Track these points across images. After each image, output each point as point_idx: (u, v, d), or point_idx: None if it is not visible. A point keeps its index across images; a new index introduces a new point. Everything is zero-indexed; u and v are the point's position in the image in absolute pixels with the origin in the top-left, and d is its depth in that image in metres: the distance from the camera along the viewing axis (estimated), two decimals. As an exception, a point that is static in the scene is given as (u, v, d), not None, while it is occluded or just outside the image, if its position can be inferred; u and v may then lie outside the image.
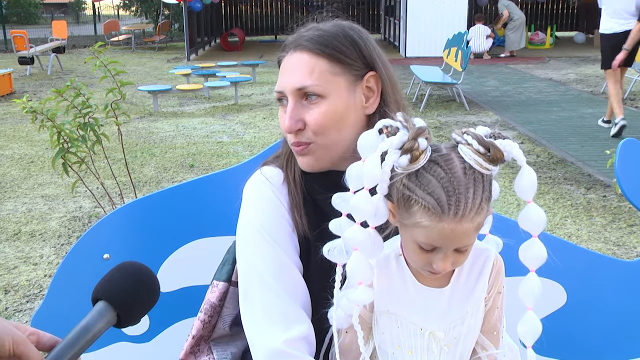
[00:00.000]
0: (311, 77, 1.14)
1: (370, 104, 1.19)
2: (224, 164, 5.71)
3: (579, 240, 3.87)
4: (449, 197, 0.90)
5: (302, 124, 1.15)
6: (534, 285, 0.98)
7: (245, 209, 1.22)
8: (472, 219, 0.91)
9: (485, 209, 0.93)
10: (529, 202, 0.94)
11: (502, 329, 1.12)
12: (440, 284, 1.05)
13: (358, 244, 0.96)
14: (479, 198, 0.91)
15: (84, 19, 32.71)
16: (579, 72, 11.59)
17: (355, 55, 1.17)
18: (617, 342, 1.61)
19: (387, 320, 1.04)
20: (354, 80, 1.17)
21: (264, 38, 20.25)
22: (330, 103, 1.14)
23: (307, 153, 1.17)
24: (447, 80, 8.52)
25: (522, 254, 0.97)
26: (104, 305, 0.75)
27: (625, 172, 1.57)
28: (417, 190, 0.91)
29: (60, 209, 4.59)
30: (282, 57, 1.21)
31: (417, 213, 0.92)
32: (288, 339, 1.09)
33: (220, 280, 1.32)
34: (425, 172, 0.91)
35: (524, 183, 0.93)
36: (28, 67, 12.19)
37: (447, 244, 0.93)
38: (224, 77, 9.43)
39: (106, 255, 1.53)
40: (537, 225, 0.94)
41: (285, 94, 1.17)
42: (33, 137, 6.94)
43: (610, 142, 6.16)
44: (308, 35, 1.17)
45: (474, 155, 0.91)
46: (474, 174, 0.91)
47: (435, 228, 0.91)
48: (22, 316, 3.03)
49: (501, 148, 0.91)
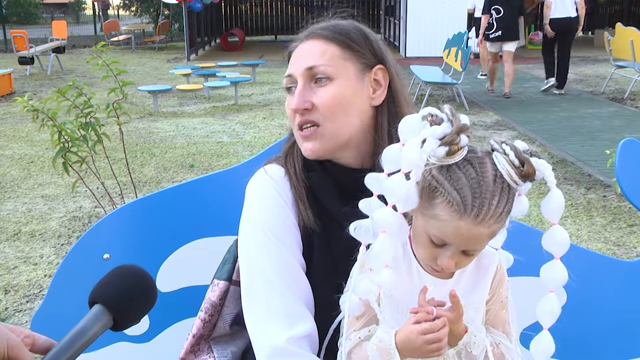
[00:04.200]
0: (322, 58, 1.17)
1: (377, 95, 1.20)
2: (224, 164, 5.71)
3: (579, 240, 3.87)
4: (474, 198, 0.91)
5: (309, 105, 1.16)
6: (553, 306, 1.00)
7: (248, 207, 1.23)
8: (490, 225, 0.92)
9: (504, 220, 0.95)
10: (554, 224, 0.97)
11: (512, 332, 1.13)
12: (444, 276, 1.06)
13: (387, 226, 0.96)
14: (501, 207, 0.92)
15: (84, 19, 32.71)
16: (579, 72, 11.59)
17: (365, 46, 1.20)
18: (617, 342, 1.61)
19: (390, 305, 1.06)
20: (362, 68, 1.19)
21: (264, 38, 20.25)
22: (338, 86, 1.16)
23: (314, 137, 1.17)
24: (447, 80, 8.52)
25: (544, 274, 0.99)
26: (100, 308, 0.75)
27: (625, 172, 1.57)
28: (445, 183, 0.92)
29: (60, 209, 4.59)
30: (293, 48, 1.23)
31: (439, 205, 0.93)
32: (291, 337, 1.09)
33: (221, 279, 1.32)
34: (457, 169, 0.93)
35: (552, 205, 0.96)
36: (28, 67, 12.19)
37: (458, 243, 0.95)
38: (224, 77, 9.43)
39: (106, 255, 1.53)
40: (561, 247, 0.97)
41: (295, 78, 1.19)
42: (33, 137, 6.94)
43: (610, 142, 6.16)
44: (321, 26, 1.21)
45: (507, 166, 0.92)
46: (503, 184, 0.93)
47: (453, 224, 0.92)
48: (22, 316, 3.03)
49: (535, 166, 0.93)
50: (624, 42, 8.54)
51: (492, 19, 8.60)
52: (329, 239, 1.14)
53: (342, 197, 1.15)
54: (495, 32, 8.63)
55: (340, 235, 1.06)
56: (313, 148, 1.18)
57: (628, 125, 7.05)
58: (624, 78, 9.54)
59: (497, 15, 8.55)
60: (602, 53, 12.00)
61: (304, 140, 1.19)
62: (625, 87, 9.34)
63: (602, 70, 11.54)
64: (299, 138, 1.20)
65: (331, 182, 1.19)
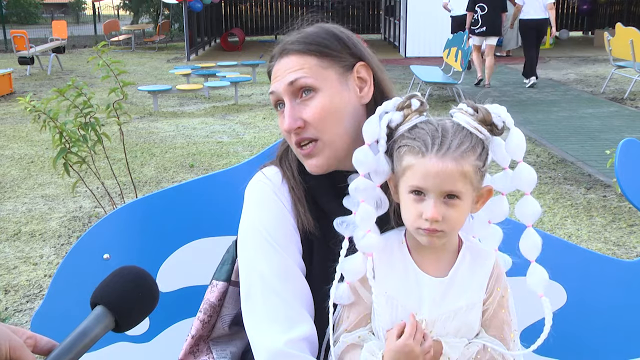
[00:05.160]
0: (302, 70, 1.16)
1: (365, 92, 1.20)
2: (224, 164, 5.71)
3: (579, 240, 3.87)
4: (434, 139, 1.00)
5: (301, 122, 1.15)
6: (535, 239, 1.07)
7: (247, 210, 1.22)
8: (455, 159, 0.98)
9: (472, 159, 0.99)
10: (519, 162, 1.05)
11: (510, 331, 1.13)
12: (440, 274, 1.07)
13: (363, 195, 1.05)
14: (464, 145, 0.99)
15: (84, 19, 32.72)
16: (579, 72, 11.60)
17: (340, 47, 1.19)
18: (617, 342, 1.61)
19: (384, 303, 1.06)
20: (343, 71, 1.18)
21: (264, 38, 20.25)
22: (324, 96, 1.15)
23: (315, 154, 1.17)
24: (447, 80, 8.52)
25: (518, 210, 1.07)
26: (102, 310, 0.75)
27: (625, 172, 1.57)
28: (407, 139, 1.03)
29: (60, 209, 4.59)
30: (271, 67, 1.22)
31: (405, 157, 1.02)
32: (290, 340, 1.09)
33: (220, 280, 1.31)
34: (417, 128, 1.03)
35: (513, 143, 1.04)
36: (28, 67, 12.19)
37: (433, 185, 0.99)
38: (224, 77, 9.43)
39: (106, 255, 1.53)
40: (528, 184, 1.05)
41: (280, 95, 1.18)
42: (33, 137, 6.94)
43: (610, 142, 6.16)
44: (291, 40, 1.19)
45: (462, 116, 1.02)
46: (463, 130, 1.01)
47: (420, 165, 0.99)
48: (22, 316, 3.03)
49: (489, 110, 1.02)
50: (624, 42, 8.54)
51: (477, 16, 9.59)
52: (329, 242, 1.13)
53: (341, 199, 1.15)
54: (480, 28, 9.61)
55: (340, 238, 1.07)
56: (317, 164, 1.17)
57: (628, 125, 7.05)
58: (624, 78, 9.54)
59: (482, 13, 9.57)
60: (602, 53, 12.01)
61: (306, 158, 1.18)
62: (625, 87, 9.34)
63: (602, 70, 11.54)
64: (300, 157, 1.20)
65: (330, 185, 1.19)
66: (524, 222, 1.06)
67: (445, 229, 1.01)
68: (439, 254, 1.08)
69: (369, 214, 1.04)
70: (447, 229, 1.01)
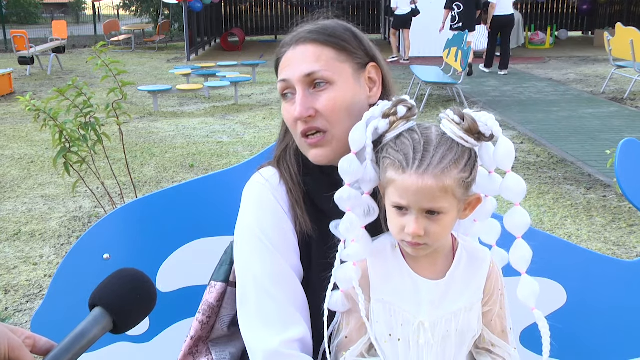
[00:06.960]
0: (319, 63, 1.15)
1: (374, 93, 1.21)
2: (224, 164, 5.71)
3: (579, 240, 3.87)
4: (415, 153, 0.98)
5: (313, 111, 1.15)
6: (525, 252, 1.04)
7: (244, 212, 1.22)
8: (435, 175, 0.95)
9: (455, 172, 0.97)
10: (508, 172, 1.01)
11: (508, 327, 1.13)
12: (437, 276, 1.06)
13: (348, 204, 1.04)
14: (447, 160, 0.96)
15: (84, 19, 32.71)
16: (579, 72, 11.60)
17: (357, 45, 1.20)
18: (617, 342, 1.61)
19: (382, 309, 1.06)
20: (357, 68, 1.19)
21: (264, 38, 20.24)
22: (338, 89, 1.15)
23: (322, 145, 1.16)
24: (447, 80, 8.52)
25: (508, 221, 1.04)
26: (100, 311, 0.75)
27: (625, 172, 1.57)
28: (391, 151, 1.01)
29: (60, 209, 4.59)
30: (281, 54, 1.21)
31: (388, 169, 1.00)
32: (284, 340, 1.09)
33: (218, 281, 1.31)
34: (403, 137, 1.01)
35: (500, 152, 1.01)
36: (28, 67, 12.19)
37: (413, 201, 0.97)
38: (224, 77, 9.43)
39: (106, 255, 1.53)
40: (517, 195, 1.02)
41: (291, 83, 1.16)
42: (33, 137, 6.94)
43: (610, 142, 6.16)
44: (309, 29, 1.19)
45: (449, 124, 0.99)
46: (448, 141, 0.98)
47: (401, 181, 0.97)
48: (22, 316, 3.03)
49: (476, 118, 0.99)
50: (624, 42, 8.54)
51: (454, 13, 10.66)
52: (327, 244, 1.13)
53: None
54: (458, 24, 10.53)
55: (339, 240, 1.07)
56: (323, 154, 1.17)
57: (628, 125, 7.05)
58: (624, 78, 9.54)
59: (458, 10, 10.62)
60: (602, 53, 12.01)
61: (310, 147, 1.17)
62: (625, 87, 9.35)
63: (602, 70, 11.54)
64: (304, 146, 1.19)
65: (328, 186, 1.19)
66: (514, 233, 1.03)
67: (429, 242, 1.01)
68: (433, 257, 1.07)
69: (354, 224, 1.03)
70: (430, 242, 1.01)
